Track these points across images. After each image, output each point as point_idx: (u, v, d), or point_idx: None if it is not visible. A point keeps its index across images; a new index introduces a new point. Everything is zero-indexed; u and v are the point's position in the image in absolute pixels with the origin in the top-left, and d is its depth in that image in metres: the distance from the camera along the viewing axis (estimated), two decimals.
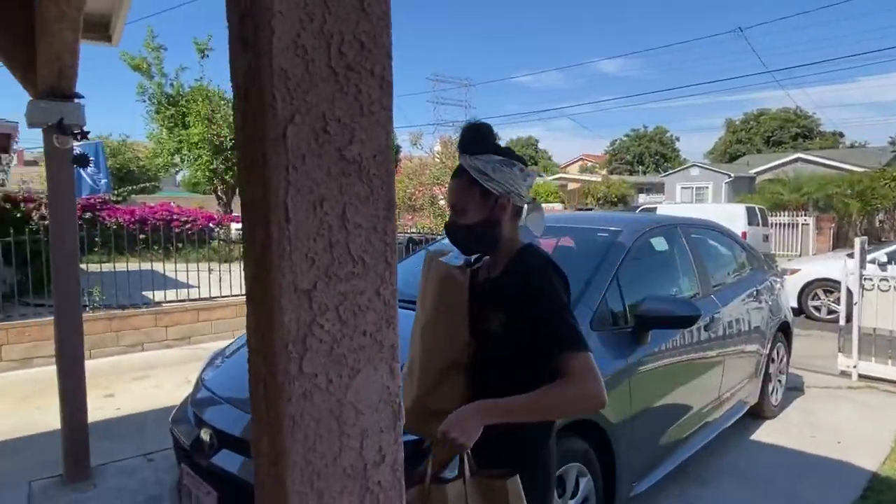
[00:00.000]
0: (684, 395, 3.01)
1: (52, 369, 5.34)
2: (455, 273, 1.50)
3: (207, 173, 19.03)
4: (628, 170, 48.00)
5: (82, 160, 3.24)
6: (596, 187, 28.84)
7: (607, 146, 54.53)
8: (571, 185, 32.88)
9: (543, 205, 2.10)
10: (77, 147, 3.28)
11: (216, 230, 13.43)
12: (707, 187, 26.32)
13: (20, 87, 3.18)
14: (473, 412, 1.31)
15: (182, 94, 18.49)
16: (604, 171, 42.81)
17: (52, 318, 6.02)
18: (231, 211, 21.19)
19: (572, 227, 3.55)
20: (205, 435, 2.17)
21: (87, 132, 3.16)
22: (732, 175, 25.88)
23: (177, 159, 20.18)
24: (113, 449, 3.85)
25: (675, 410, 2.94)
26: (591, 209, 23.44)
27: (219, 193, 21.06)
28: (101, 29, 3.57)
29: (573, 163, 53.91)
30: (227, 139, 18.21)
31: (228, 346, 2.94)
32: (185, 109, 18.30)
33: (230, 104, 19.42)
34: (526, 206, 1.50)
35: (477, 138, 1.47)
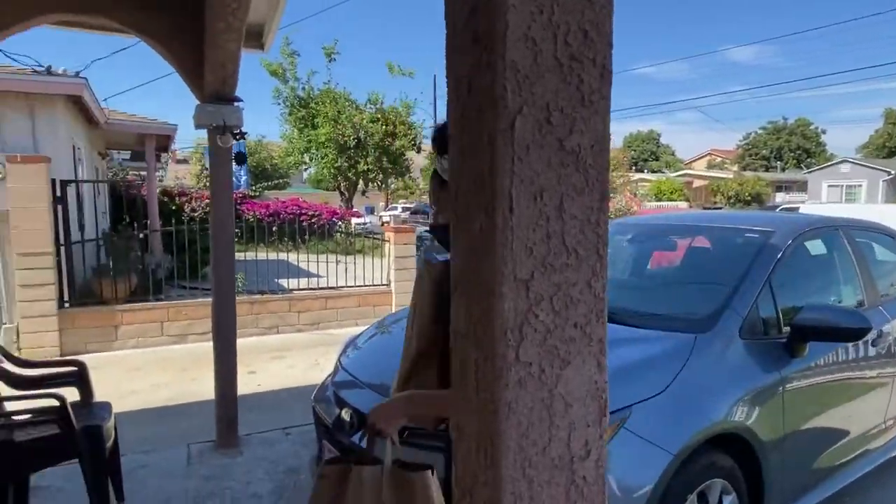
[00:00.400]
0: (844, 417, 2.70)
1: (204, 345, 6.00)
2: (425, 268, 1.47)
3: (332, 170, 20.26)
4: (764, 166, 44.03)
5: (241, 158, 3.58)
6: (727, 185, 26.75)
7: (739, 140, 50.39)
8: (697, 182, 30.78)
9: (666, 203, 1.97)
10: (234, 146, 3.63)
11: (338, 224, 14.25)
12: (860, 185, 23.43)
13: (171, 95, 3.58)
14: (401, 402, 1.33)
15: (312, 96, 19.84)
16: (735, 167, 39.58)
17: (204, 299, 6.74)
18: (352, 206, 22.39)
19: (709, 227, 3.32)
20: (345, 415, 2.30)
21: (245, 133, 3.48)
22: (893, 172, 22.79)
23: (306, 158, 21.70)
24: (256, 421, 4.23)
25: (832, 432, 2.65)
26: (719, 208, 21.81)
27: (341, 189, 22.34)
28: (255, 38, 3.91)
29: (699, 158, 50.51)
30: (351, 139, 19.25)
31: (363, 332, 3.10)
32: (314, 111, 19.63)
33: (354, 105, 20.60)
34: None
35: (444, 139, 1.41)
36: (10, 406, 2.64)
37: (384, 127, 20.59)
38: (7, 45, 6.35)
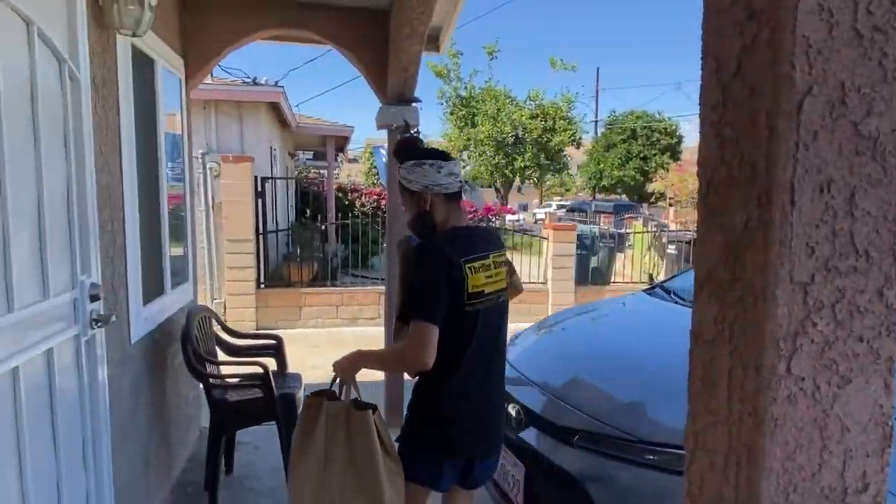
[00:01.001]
0: None
1: (372, 329, 6.47)
2: (406, 248, 1.97)
3: (489, 168, 20.59)
4: None
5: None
6: None
7: None
8: None
9: None
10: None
11: (493, 220, 14.45)
12: None
13: (343, 100, 3.86)
14: (352, 357, 1.80)
15: (473, 95, 20.35)
16: None
17: (373, 287, 7.24)
18: (506, 203, 22.55)
19: None
20: (512, 410, 2.31)
21: (420, 132, 3.66)
22: None
23: (464, 155, 22.36)
24: None
25: None
26: None
27: (497, 186, 22.60)
28: (433, 40, 4.09)
29: None
30: (509, 135, 19.38)
31: (524, 330, 3.09)
32: (474, 110, 20.11)
33: (513, 102, 20.75)
34: (461, 189, 1.83)
35: (398, 151, 1.90)
36: (224, 370, 3.08)
37: (543, 123, 20.42)
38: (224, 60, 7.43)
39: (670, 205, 23.21)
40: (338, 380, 1.84)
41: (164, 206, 2.85)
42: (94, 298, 1.86)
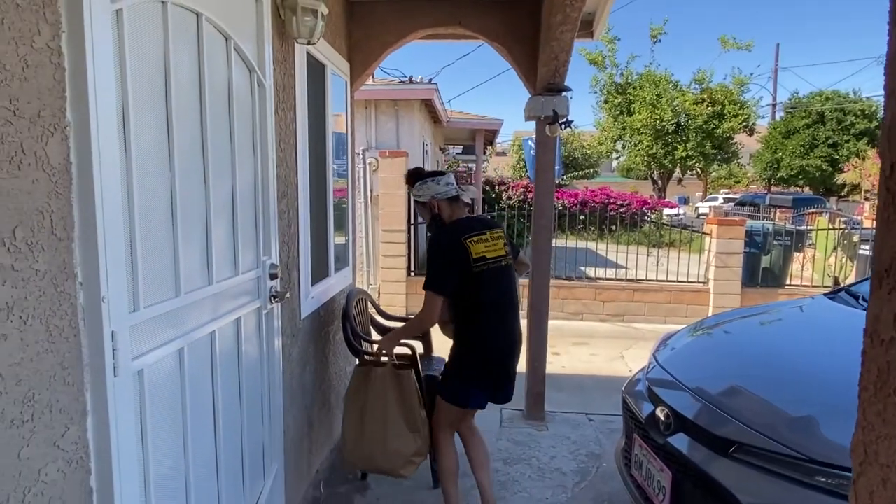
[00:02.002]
0: None
1: None
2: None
3: (646, 158, 19.44)
4: None
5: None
6: None
7: None
8: None
9: None
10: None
11: (648, 214, 13.63)
12: None
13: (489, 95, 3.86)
14: (390, 336, 2.62)
15: (630, 82, 19.33)
16: None
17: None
18: (664, 196, 21.17)
19: None
20: (660, 413, 2.19)
21: (571, 121, 3.59)
22: None
23: (618, 146, 21.36)
24: (559, 400, 4.39)
25: None
26: None
27: (654, 178, 21.28)
28: (586, 26, 3.98)
29: None
30: (669, 123, 18.11)
31: (679, 331, 2.89)
32: (631, 97, 19.10)
33: (676, 87, 19.30)
34: (457, 191, 2.49)
35: (410, 179, 2.57)
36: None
37: (709, 108, 18.73)
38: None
39: (866, 198, 19.94)
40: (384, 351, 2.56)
41: (331, 198, 3.15)
42: (273, 277, 2.12)
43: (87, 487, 1.19)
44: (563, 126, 3.53)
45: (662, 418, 2.16)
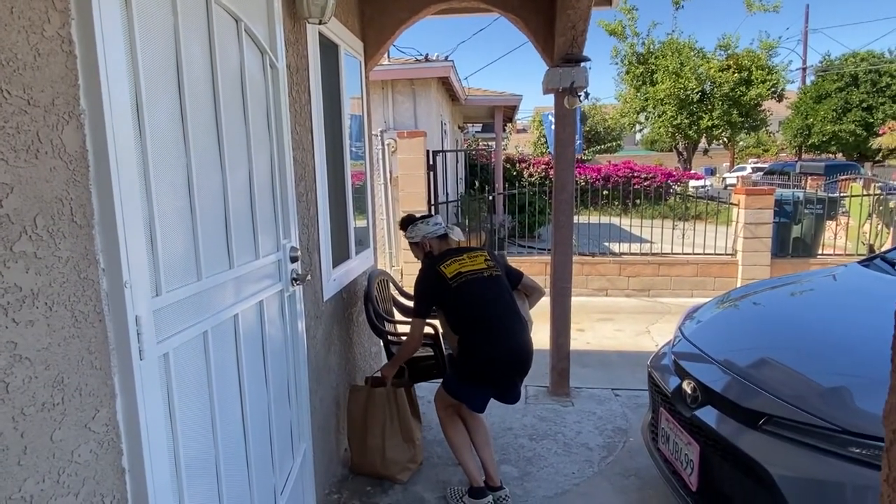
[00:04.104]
0: None
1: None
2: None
3: (670, 129, 18.99)
4: None
5: (582, 119, 3.62)
6: None
7: None
8: None
9: None
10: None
11: (673, 187, 13.36)
12: None
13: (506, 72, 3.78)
14: (389, 364, 2.88)
15: (652, 51, 18.80)
16: None
17: (539, 256, 7.23)
18: (689, 167, 20.73)
19: None
20: (687, 386, 2.16)
21: (588, 93, 3.51)
22: None
23: (641, 118, 20.88)
24: (585, 376, 4.38)
25: None
26: None
27: (679, 149, 20.82)
28: None
29: None
30: (694, 92, 17.62)
31: (705, 303, 2.84)
32: (653, 66, 18.60)
33: (700, 54, 18.71)
34: (445, 230, 2.88)
35: (402, 226, 2.96)
36: (400, 329, 3.34)
37: (736, 75, 18.13)
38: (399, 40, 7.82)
39: None
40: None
41: (349, 180, 3.15)
42: (293, 259, 2.14)
43: (120, 467, 1.22)
44: (581, 98, 3.46)
45: (689, 392, 2.14)
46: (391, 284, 3.60)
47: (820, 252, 7.29)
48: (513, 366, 2.52)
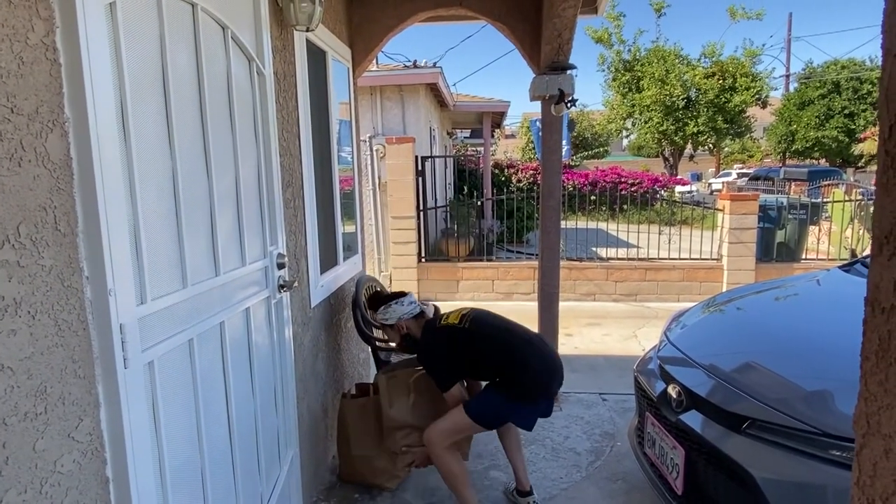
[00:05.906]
0: None
1: (526, 304, 6.51)
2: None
3: (656, 135, 19.19)
4: None
5: (570, 126, 3.65)
6: None
7: None
8: None
9: None
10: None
11: (659, 192, 13.48)
12: None
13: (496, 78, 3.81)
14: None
15: (638, 58, 19.01)
16: None
17: (528, 262, 7.25)
18: (676, 173, 20.94)
19: None
20: (672, 391, 2.18)
21: (576, 100, 3.54)
22: None
23: (628, 124, 21.08)
24: (572, 381, 4.38)
25: None
26: None
27: (665, 155, 21.03)
28: (589, 2, 3.90)
29: None
30: (679, 98, 17.83)
31: (690, 308, 2.87)
32: (639, 73, 18.80)
33: (685, 61, 18.95)
34: (422, 309, 2.64)
35: (370, 303, 2.74)
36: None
37: (720, 82, 18.38)
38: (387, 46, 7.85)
39: None
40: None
41: (337, 186, 3.15)
42: (280, 266, 2.13)
43: (104, 477, 1.21)
44: (568, 105, 3.49)
45: (674, 396, 2.16)
46: (380, 290, 3.60)
47: (804, 256, 7.39)
48: (554, 375, 2.48)
